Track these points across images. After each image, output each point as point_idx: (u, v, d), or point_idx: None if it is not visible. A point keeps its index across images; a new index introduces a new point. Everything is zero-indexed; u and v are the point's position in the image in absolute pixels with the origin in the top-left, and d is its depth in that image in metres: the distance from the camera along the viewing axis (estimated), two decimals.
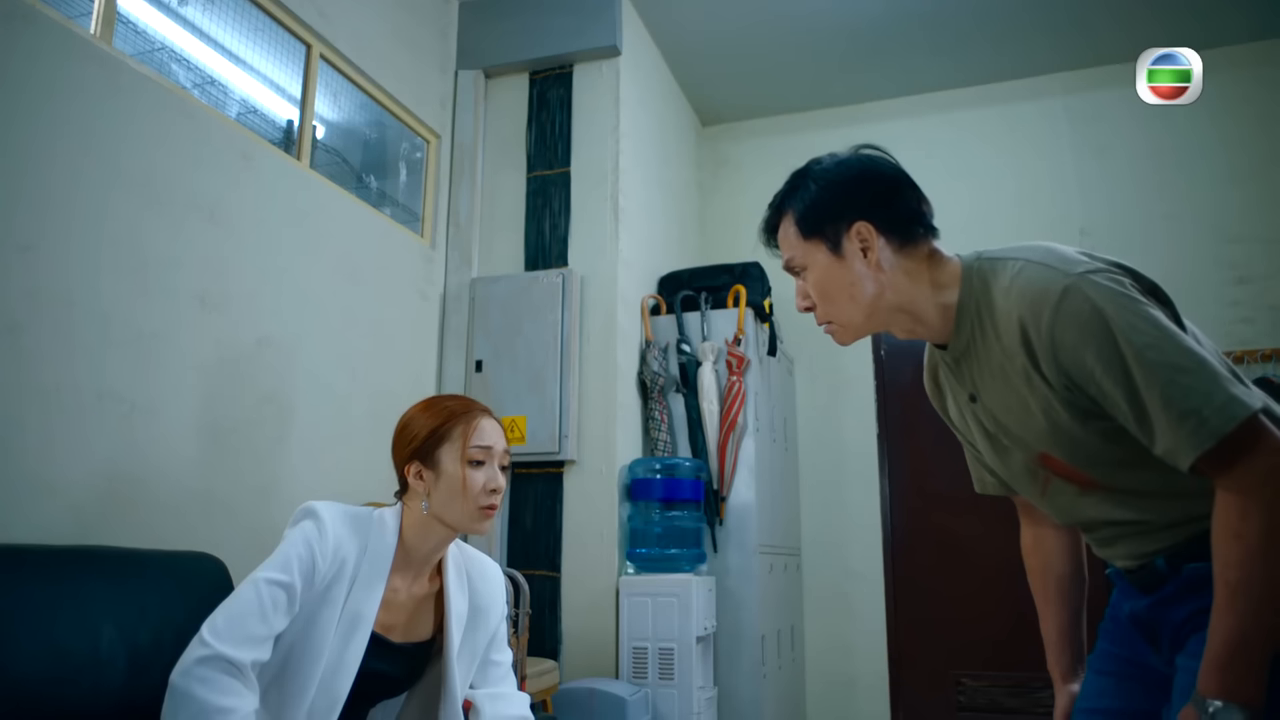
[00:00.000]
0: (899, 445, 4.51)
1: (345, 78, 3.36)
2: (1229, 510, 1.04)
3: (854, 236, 1.25)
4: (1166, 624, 1.19)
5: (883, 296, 1.25)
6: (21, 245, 2.02)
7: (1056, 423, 1.16)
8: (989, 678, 4.12)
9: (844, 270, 1.26)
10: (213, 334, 2.53)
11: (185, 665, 1.30)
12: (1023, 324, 1.14)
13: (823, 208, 1.27)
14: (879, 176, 1.29)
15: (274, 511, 2.66)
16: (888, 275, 1.25)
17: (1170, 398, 1.04)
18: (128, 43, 2.46)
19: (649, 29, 4.26)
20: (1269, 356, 3.93)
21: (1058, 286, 1.11)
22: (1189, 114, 4.25)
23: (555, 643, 3.38)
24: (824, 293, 1.29)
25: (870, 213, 1.25)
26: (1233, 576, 1.02)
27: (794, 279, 1.34)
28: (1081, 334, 1.09)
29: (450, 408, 1.61)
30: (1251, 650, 1.00)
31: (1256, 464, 1.02)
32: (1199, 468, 1.04)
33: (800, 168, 1.34)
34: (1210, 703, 1.01)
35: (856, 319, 1.28)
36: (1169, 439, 1.05)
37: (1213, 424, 1.02)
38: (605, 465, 3.50)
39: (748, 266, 4.04)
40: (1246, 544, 1.01)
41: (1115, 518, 1.21)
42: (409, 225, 3.73)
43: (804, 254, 1.30)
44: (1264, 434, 1.03)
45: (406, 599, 1.59)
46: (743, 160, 5.11)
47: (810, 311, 1.33)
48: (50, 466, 2.05)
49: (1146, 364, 1.05)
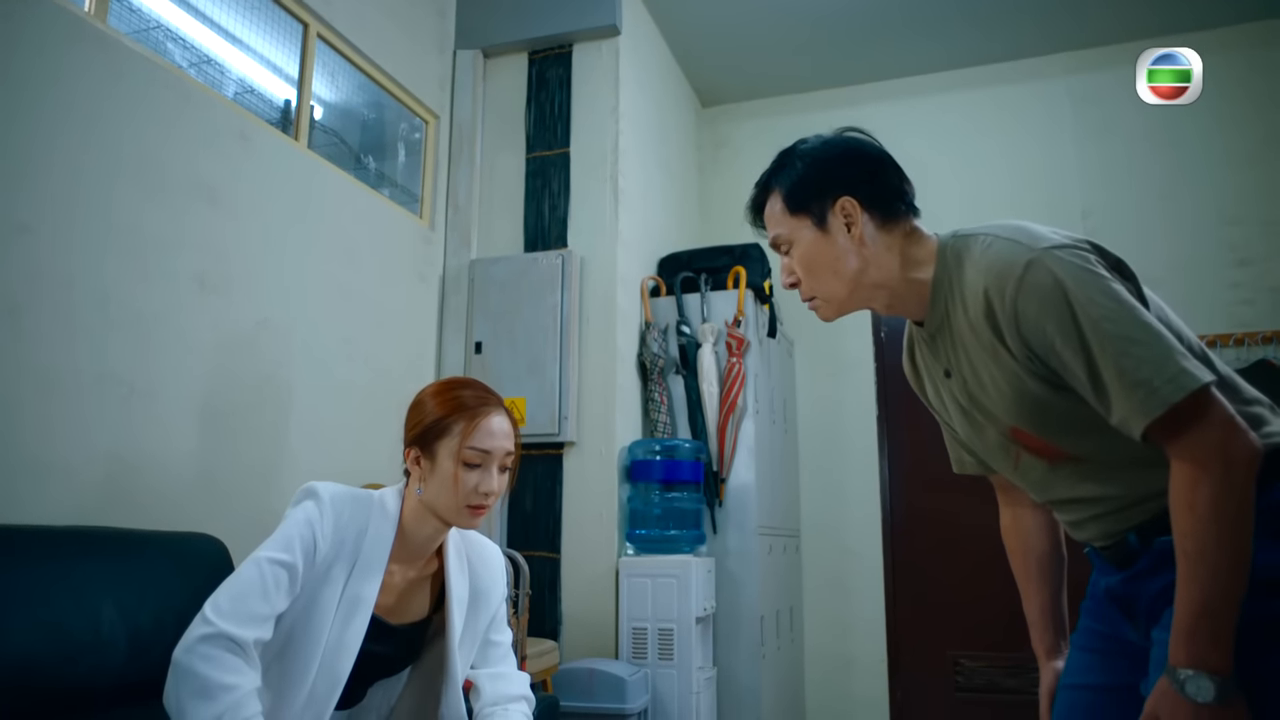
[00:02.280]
0: (898, 427, 4.52)
1: (343, 57, 3.34)
2: (1181, 481, 1.07)
3: (838, 212, 1.29)
4: (1141, 598, 1.22)
5: (865, 272, 1.29)
6: (19, 226, 2.01)
7: (1023, 393, 1.20)
8: (987, 658, 4.14)
9: (828, 245, 1.29)
10: (212, 316, 2.53)
11: (188, 642, 1.30)
12: (988, 296, 1.18)
13: (809, 184, 1.31)
14: (863, 155, 1.32)
15: (273, 493, 2.67)
16: (870, 250, 1.29)
17: (1124, 368, 1.07)
18: (122, 21, 2.44)
19: (649, 9, 4.23)
20: (1269, 339, 3.93)
21: (1022, 260, 1.14)
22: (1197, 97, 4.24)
23: (555, 623, 3.40)
24: (809, 267, 1.32)
25: (854, 189, 1.28)
26: (1189, 547, 1.05)
27: (780, 257, 1.37)
28: (1042, 305, 1.12)
29: (461, 399, 1.56)
30: (1216, 618, 1.03)
31: (1205, 435, 1.05)
32: (1149, 436, 1.08)
33: (786, 147, 1.37)
34: (1181, 672, 1.03)
35: (840, 293, 1.32)
36: (1122, 408, 1.08)
37: (1162, 393, 1.05)
38: (605, 447, 3.50)
39: (747, 248, 4.03)
40: (1198, 514, 1.04)
41: (1084, 494, 1.24)
42: (408, 206, 3.71)
43: (790, 230, 1.33)
44: (1213, 406, 1.06)
45: (403, 581, 1.59)
46: (743, 141, 5.09)
47: (795, 288, 1.36)
48: (50, 448, 2.05)
49: (1103, 335, 1.09)
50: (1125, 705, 1.19)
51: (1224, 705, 1.01)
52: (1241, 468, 1.04)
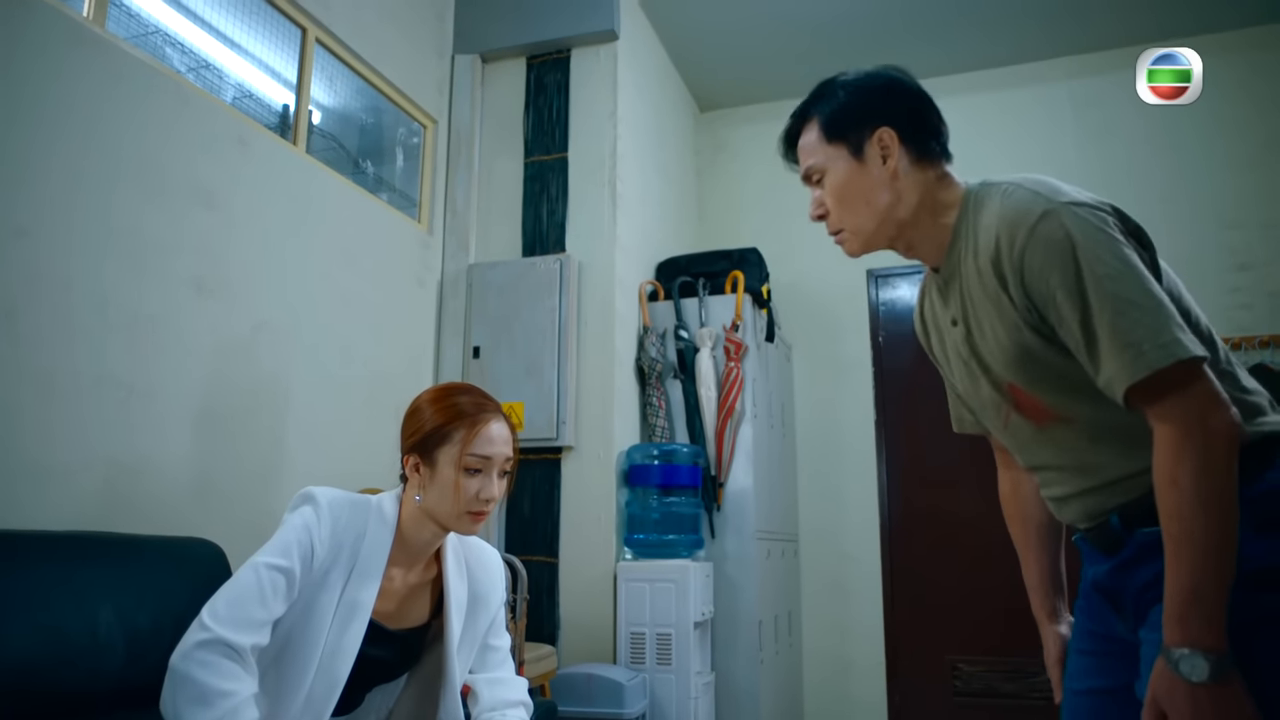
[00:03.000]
0: (897, 431, 4.52)
1: (341, 62, 3.34)
2: (1163, 454, 1.06)
3: (876, 142, 1.28)
4: (1128, 590, 1.21)
5: (895, 207, 1.29)
6: (17, 230, 2.01)
7: (1020, 345, 1.20)
8: (985, 662, 4.14)
9: (863, 175, 1.29)
10: (210, 319, 2.52)
11: (185, 648, 1.30)
12: (998, 243, 1.18)
13: (849, 111, 1.31)
14: (905, 89, 1.33)
15: (271, 497, 2.67)
16: (902, 185, 1.29)
17: (1118, 327, 1.07)
18: (121, 26, 2.44)
19: (647, 14, 4.24)
20: (1267, 343, 3.93)
21: (1038, 210, 1.15)
22: (1195, 101, 4.24)
23: (553, 628, 3.39)
24: (840, 198, 1.32)
25: (894, 120, 1.29)
26: (1175, 529, 1.05)
27: (811, 189, 1.37)
28: (1048, 257, 1.12)
29: (459, 406, 1.56)
30: (1206, 597, 1.02)
31: (1186, 404, 1.05)
32: (1131, 400, 1.08)
33: (827, 78, 1.37)
34: (1175, 652, 1.03)
35: (868, 226, 1.31)
36: (1110, 367, 1.08)
37: (1150, 357, 1.05)
38: (603, 451, 3.50)
39: (745, 252, 4.03)
40: (1181, 489, 1.04)
41: (1067, 462, 1.24)
42: (406, 211, 3.71)
43: (824, 159, 1.32)
44: (1200, 379, 1.06)
45: (402, 586, 1.59)
46: (740, 146, 5.09)
47: (823, 220, 1.36)
48: (48, 451, 2.05)
49: (1103, 292, 1.09)
50: (1126, 707, 1.18)
51: (1219, 683, 1.01)
52: (1221, 440, 1.04)
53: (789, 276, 4.65)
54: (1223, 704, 1.01)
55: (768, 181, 4.97)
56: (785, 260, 4.63)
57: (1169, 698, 1.04)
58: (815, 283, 4.72)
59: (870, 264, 4.66)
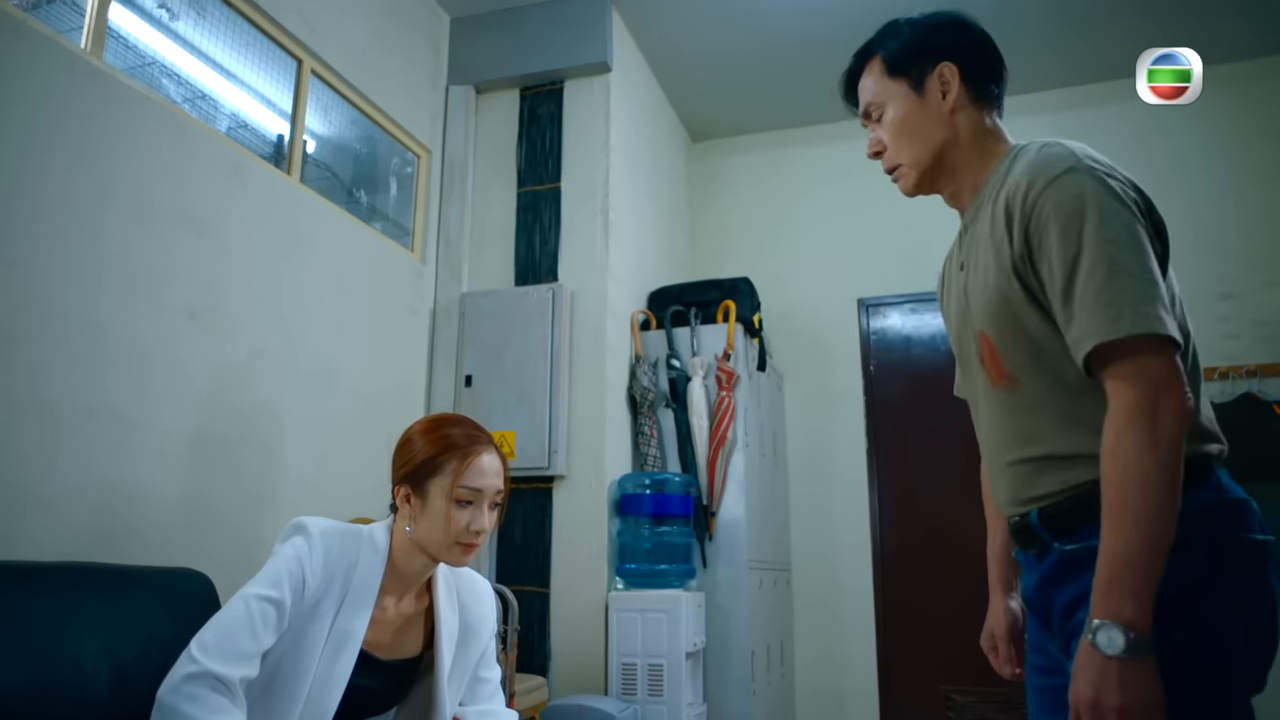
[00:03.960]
0: (888, 460, 4.52)
1: (336, 93, 3.37)
2: (1111, 424, 1.06)
3: (936, 76, 1.32)
4: (1054, 608, 1.20)
5: (950, 144, 1.32)
6: (10, 260, 2.01)
7: (1002, 292, 1.21)
8: (978, 693, 4.12)
9: (921, 109, 1.32)
10: (203, 348, 2.52)
11: (173, 681, 1.29)
12: (1019, 186, 1.19)
13: (913, 45, 1.34)
14: (969, 29, 1.36)
15: (264, 526, 2.65)
16: (958, 121, 1.31)
17: (1104, 286, 1.08)
18: (118, 57, 2.46)
19: (639, 46, 4.29)
20: (1254, 372, 3.96)
21: (1066, 164, 1.16)
22: (1177, 130, 4.30)
23: (544, 659, 3.37)
24: (897, 132, 1.34)
25: (956, 56, 1.32)
26: (1111, 494, 1.04)
27: (870, 130, 1.40)
28: (1060, 205, 1.13)
29: (451, 438, 1.56)
30: (1135, 571, 1.01)
31: (1148, 376, 1.05)
32: (1093, 360, 1.08)
33: (892, 19, 1.40)
34: (1095, 622, 1.02)
35: (924, 160, 1.33)
36: (1085, 322, 1.09)
37: (1127, 321, 1.05)
38: (595, 480, 3.50)
39: (737, 282, 4.05)
40: (1122, 459, 1.04)
41: (1004, 427, 1.25)
42: (399, 240, 3.73)
43: (885, 93, 1.35)
44: (1166, 359, 1.06)
45: (394, 616, 1.58)
46: (732, 175, 5.14)
47: (878, 158, 1.38)
48: (40, 480, 2.04)
49: (1102, 254, 1.09)
50: None
51: (1132, 659, 0.99)
52: (1169, 419, 1.03)
53: (780, 306, 4.67)
54: (1131, 680, 0.98)
55: (759, 211, 5.01)
56: (776, 290, 4.66)
57: (1081, 670, 1.02)
58: (806, 312, 4.75)
59: (861, 293, 4.69)
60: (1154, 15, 3.99)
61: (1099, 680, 1.00)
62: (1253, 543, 1.10)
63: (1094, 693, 1.00)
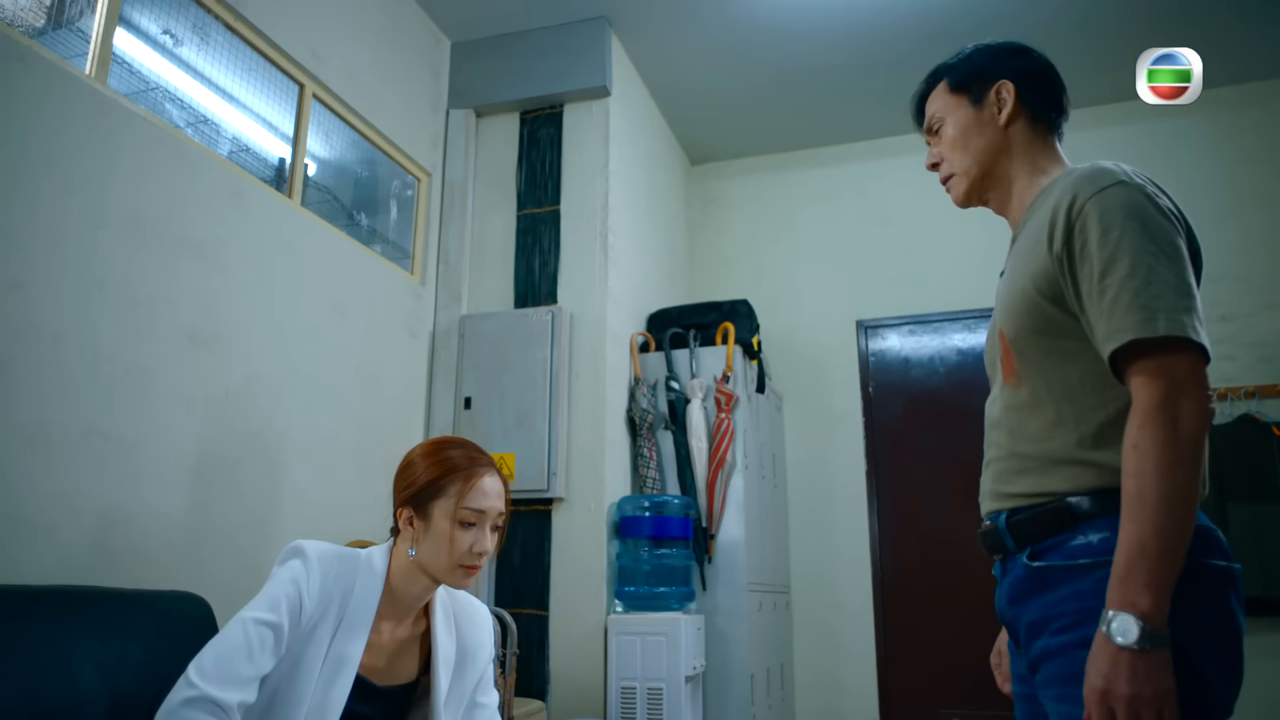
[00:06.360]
0: (888, 482, 4.52)
1: (338, 117, 3.39)
2: (1133, 421, 1.09)
3: (994, 92, 1.40)
4: (1020, 624, 1.22)
5: (1000, 156, 1.39)
6: (10, 282, 2.02)
7: (1026, 294, 1.24)
8: (979, 716, 4.09)
9: (977, 120, 1.41)
10: (201, 371, 2.53)
11: (171, 706, 1.29)
12: (1064, 194, 1.22)
13: (976, 63, 1.44)
14: (1031, 56, 1.44)
15: (262, 549, 2.64)
16: (1011, 135, 1.39)
17: (1141, 290, 1.10)
18: (122, 82, 2.48)
19: (638, 70, 4.32)
20: (1252, 393, 3.97)
21: (1113, 179, 1.20)
22: (1178, 153, 4.34)
23: (543, 682, 3.35)
24: (954, 142, 1.43)
25: (1015, 76, 1.40)
26: (1130, 486, 1.06)
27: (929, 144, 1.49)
28: (1104, 214, 1.16)
29: (453, 460, 1.57)
30: (1150, 562, 1.02)
31: (1173, 380, 1.07)
32: (1121, 358, 1.11)
33: (962, 46, 1.50)
34: (1109, 612, 1.03)
35: (974, 170, 1.41)
36: (1117, 319, 1.11)
37: (1163, 323, 1.08)
38: (594, 503, 3.49)
39: (736, 304, 4.07)
40: (1142, 452, 1.06)
41: (1002, 427, 1.28)
42: (399, 262, 3.74)
43: (946, 108, 1.45)
44: (1195, 366, 1.08)
45: (390, 641, 1.58)
46: (731, 198, 5.16)
47: (935, 170, 1.47)
48: (36, 504, 2.03)
49: (1143, 263, 1.12)
50: None
51: (1144, 650, 1.00)
52: (1191, 419, 1.06)
53: (779, 328, 4.69)
54: (1143, 670, 1.00)
55: (758, 233, 5.03)
56: (775, 312, 4.67)
57: (1093, 660, 1.04)
58: (805, 334, 4.76)
59: (860, 315, 4.70)
60: (1154, 38, 4.01)
61: (1110, 670, 1.01)
62: (1218, 569, 1.12)
63: (1104, 683, 1.02)
